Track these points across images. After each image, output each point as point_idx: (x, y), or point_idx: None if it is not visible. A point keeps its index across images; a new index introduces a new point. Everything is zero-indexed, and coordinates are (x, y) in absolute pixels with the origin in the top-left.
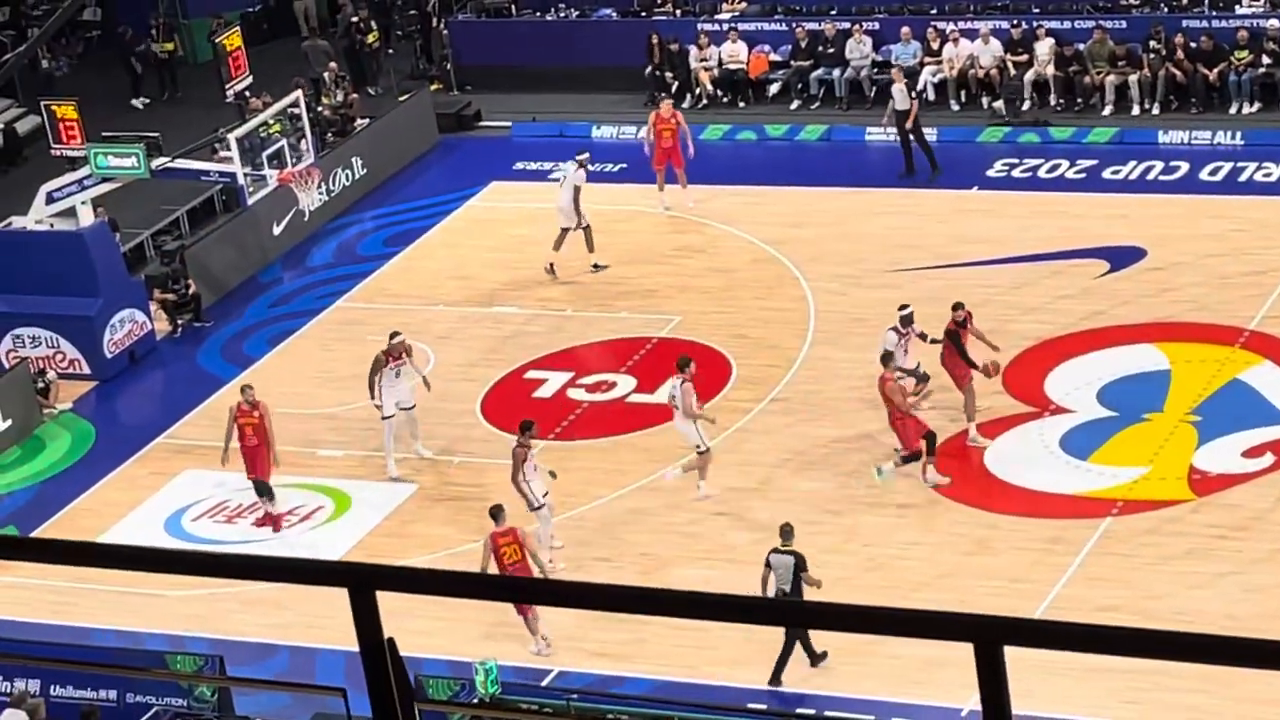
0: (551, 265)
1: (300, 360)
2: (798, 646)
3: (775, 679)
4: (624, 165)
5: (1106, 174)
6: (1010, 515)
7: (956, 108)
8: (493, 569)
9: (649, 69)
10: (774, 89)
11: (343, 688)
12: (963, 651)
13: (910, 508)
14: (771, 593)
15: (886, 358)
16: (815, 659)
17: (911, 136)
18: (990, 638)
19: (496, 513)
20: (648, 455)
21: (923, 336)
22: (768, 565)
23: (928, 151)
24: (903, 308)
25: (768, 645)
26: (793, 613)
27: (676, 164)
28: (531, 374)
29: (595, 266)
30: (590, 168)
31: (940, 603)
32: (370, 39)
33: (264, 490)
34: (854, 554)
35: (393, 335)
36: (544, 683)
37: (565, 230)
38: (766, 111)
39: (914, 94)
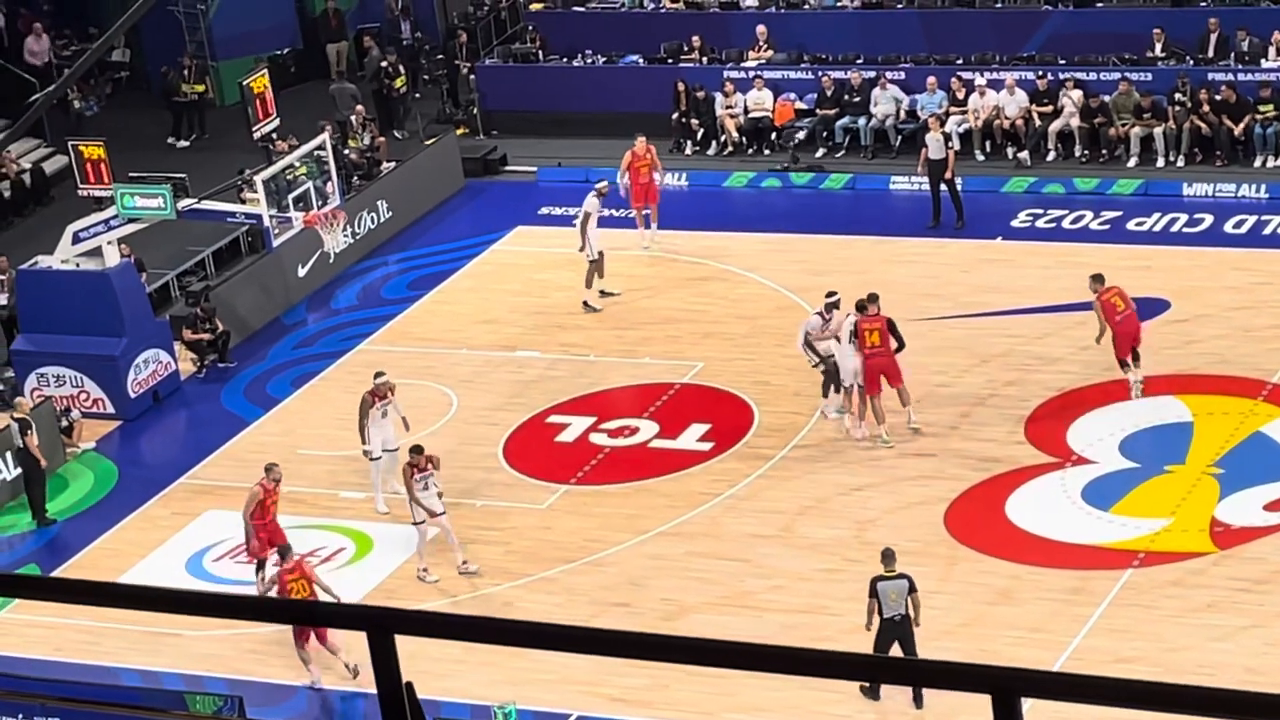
0: (597, 293)
1: (323, 402)
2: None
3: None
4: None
5: (1131, 225)
6: (1031, 565)
7: (981, 158)
8: None
9: (675, 115)
10: (799, 137)
11: None
12: (979, 701)
13: (931, 557)
14: (876, 621)
15: (1096, 278)
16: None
17: (944, 187)
18: (1007, 688)
19: (284, 551)
20: (669, 501)
21: (835, 338)
22: (873, 595)
23: (957, 203)
24: (830, 294)
25: (785, 691)
26: (806, 662)
27: (651, 200)
28: (554, 418)
29: (585, 305)
30: (602, 205)
31: (961, 652)
32: (398, 83)
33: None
34: None
35: (377, 375)
36: None
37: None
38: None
39: (950, 144)
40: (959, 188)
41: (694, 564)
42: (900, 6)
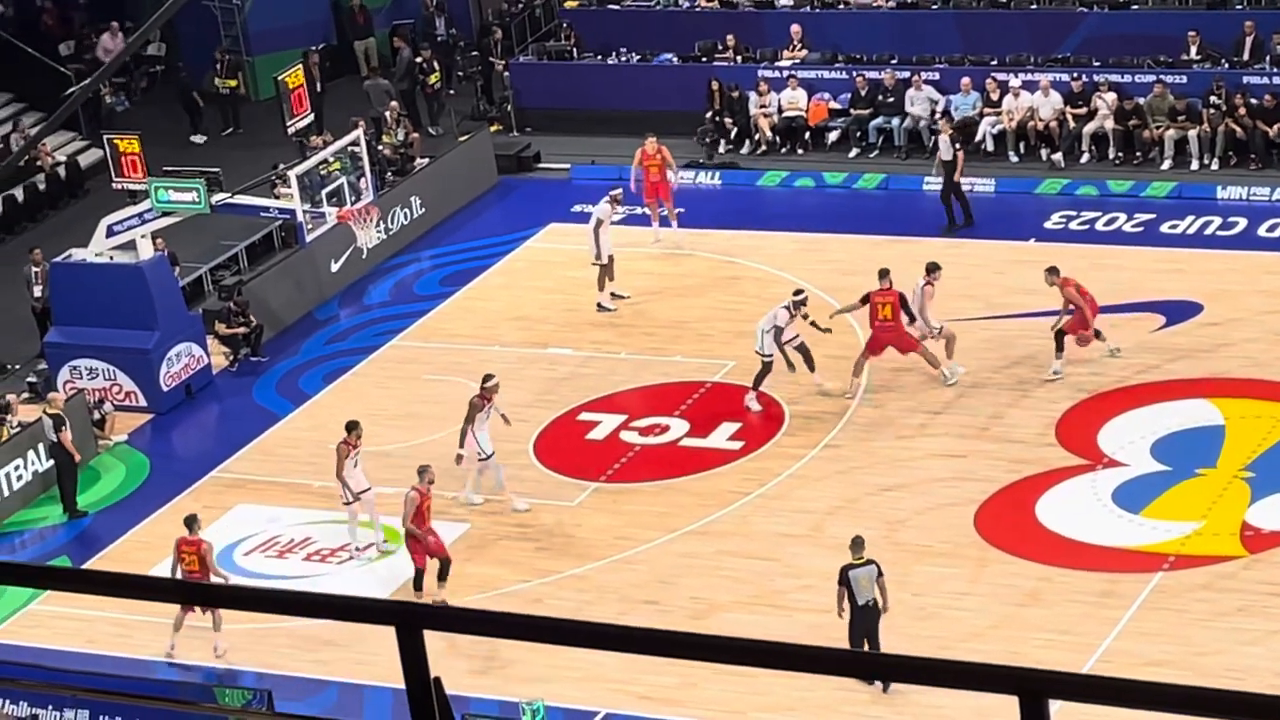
0: (609, 295)
1: (355, 397)
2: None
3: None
4: (681, 210)
5: (1164, 228)
6: (1061, 568)
7: (1015, 159)
8: (179, 573)
9: (709, 114)
10: (833, 137)
11: None
12: (1007, 703)
13: (961, 558)
14: (847, 607)
15: (1052, 270)
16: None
17: (951, 189)
18: (1036, 690)
19: (190, 521)
20: (698, 499)
21: (813, 324)
22: (844, 583)
23: (964, 204)
24: (797, 293)
25: (816, 690)
26: (840, 662)
27: (664, 197)
28: (584, 416)
29: (599, 307)
30: (621, 207)
31: (989, 654)
32: (432, 79)
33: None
34: (904, 603)
35: (487, 378)
36: None
37: (595, 265)
38: (825, 159)
39: (958, 146)
40: (969, 190)
41: (724, 563)
42: (935, 7)
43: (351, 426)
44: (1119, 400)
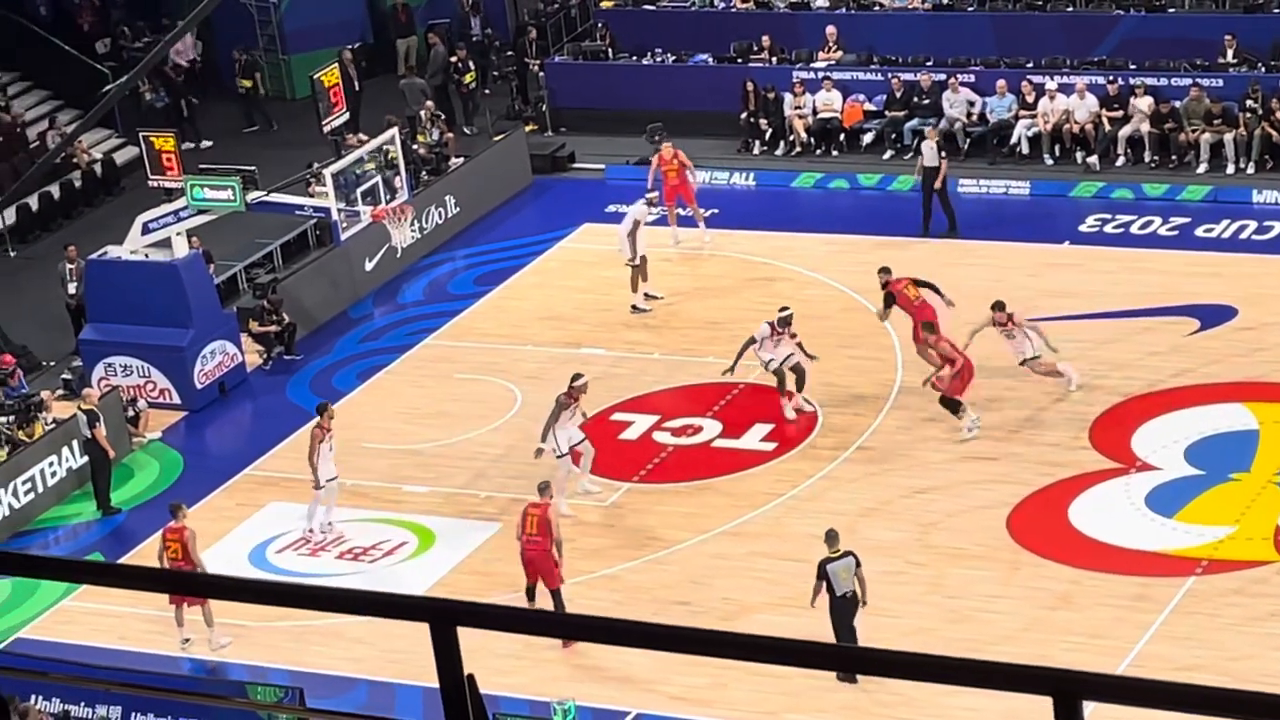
0: (643, 295)
1: (388, 396)
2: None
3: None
4: (715, 210)
5: (1199, 232)
6: (1094, 571)
7: (1050, 162)
8: (164, 562)
9: (744, 115)
10: (868, 138)
11: None
12: (1038, 709)
13: (994, 561)
14: (825, 598)
15: (927, 327)
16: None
17: (936, 195)
18: (1069, 691)
19: (175, 509)
20: (731, 500)
21: (801, 348)
22: (822, 576)
23: (948, 211)
24: (782, 309)
25: (842, 692)
26: (869, 662)
27: (688, 200)
28: (617, 416)
29: (633, 308)
30: (656, 209)
31: (1021, 657)
32: (467, 79)
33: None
34: (936, 605)
35: (575, 377)
36: None
37: (630, 266)
38: (859, 160)
39: (943, 154)
40: (956, 194)
41: (756, 564)
42: (971, 9)
43: (322, 409)
44: (1153, 404)
